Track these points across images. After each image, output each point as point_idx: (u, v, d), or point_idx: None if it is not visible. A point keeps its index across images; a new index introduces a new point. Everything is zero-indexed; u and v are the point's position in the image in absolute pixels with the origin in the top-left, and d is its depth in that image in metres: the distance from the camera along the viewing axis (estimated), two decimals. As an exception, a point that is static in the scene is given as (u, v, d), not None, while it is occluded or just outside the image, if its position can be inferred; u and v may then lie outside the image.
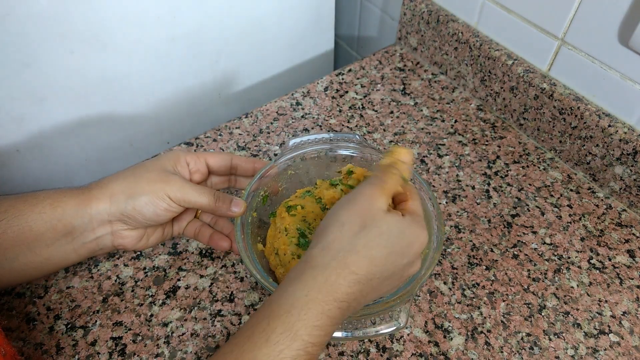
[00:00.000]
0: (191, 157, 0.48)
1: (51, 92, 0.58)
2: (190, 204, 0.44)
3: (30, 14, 0.51)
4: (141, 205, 0.43)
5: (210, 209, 0.45)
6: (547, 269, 0.52)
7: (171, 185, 0.43)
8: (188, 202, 0.44)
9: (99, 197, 0.43)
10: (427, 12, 0.70)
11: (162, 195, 0.43)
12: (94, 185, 0.44)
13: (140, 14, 0.58)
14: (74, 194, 0.43)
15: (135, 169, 0.45)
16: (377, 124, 0.66)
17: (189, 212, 0.50)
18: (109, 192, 0.43)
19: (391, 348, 0.46)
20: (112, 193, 0.43)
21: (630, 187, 0.55)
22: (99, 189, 0.43)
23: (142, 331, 0.46)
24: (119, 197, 0.43)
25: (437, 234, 0.44)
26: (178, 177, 0.44)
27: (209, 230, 0.49)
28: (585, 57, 0.55)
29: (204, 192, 0.44)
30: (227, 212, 0.45)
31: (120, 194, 0.43)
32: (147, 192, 0.43)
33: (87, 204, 0.42)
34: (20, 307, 0.48)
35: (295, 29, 0.77)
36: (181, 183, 0.44)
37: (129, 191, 0.43)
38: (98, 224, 0.43)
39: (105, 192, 0.43)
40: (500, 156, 0.62)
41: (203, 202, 0.44)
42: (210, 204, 0.44)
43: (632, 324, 0.48)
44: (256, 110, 0.68)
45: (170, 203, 0.43)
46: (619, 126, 0.54)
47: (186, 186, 0.44)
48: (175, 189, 0.43)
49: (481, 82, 0.67)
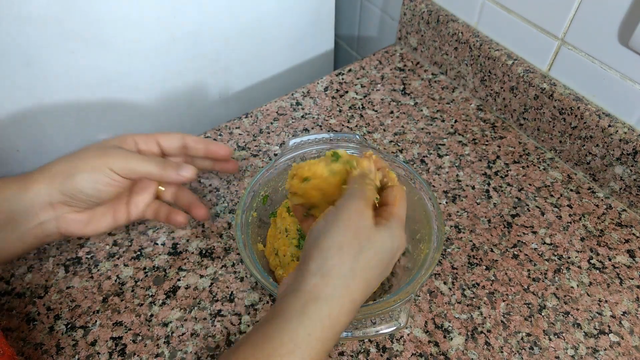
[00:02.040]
0: (141, 137, 0.46)
1: (51, 92, 0.58)
2: (135, 172, 0.43)
3: (30, 14, 0.51)
4: (81, 182, 0.41)
5: (159, 176, 0.44)
6: (547, 269, 0.52)
7: (113, 157, 0.42)
8: (132, 171, 0.43)
9: (38, 179, 0.42)
10: (427, 12, 0.70)
11: (103, 168, 0.42)
12: (35, 170, 0.43)
13: (140, 14, 0.58)
14: (15, 180, 0.42)
15: (78, 150, 0.44)
16: (377, 124, 0.66)
17: (145, 193, 0.48)
18: (49, 174, 0.42)
19: (391, 348, 0.46)
20: (51, 174, 0.42)
21: (630, 187, 0.55)
22: (39, 173, 0.42)
23: (142, 331, 0.46)
24: (58, 177, 0.42)
25: (437, 234, 0.44)
26: (121, 149, 0.43)
27: (168, 209, 0.48)
28: (586, 57, 0.55)
29: (149, 159, 0.43)
30: (177, 177, 0.44)
31: (59, 174, 0.42)
32: (87, 168, 0.42)
33: (26, 187, 0.41)
34: (20, 307, 0.48)
35: (295, 29, 0.77)
36: (124, 153, 0.43)
37: (68, 170, 0.42)
38: (40, 207, 0.42)
39: (45, 175, 0.42)
40: (500, 156, 0.62)
41: (149, 169, 0.43)
42: (158, 169, 0.43)
43: (632, 324, 0.48)
44: (256, 110, 0.68)
45: (111, 175, 0.42)
46: (619, 126, 0.54)
47: (129, 155, 0.43)
48: (117, 160, 0.42)
49: (481, 82, 0.67)
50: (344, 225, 0.33)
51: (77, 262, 0.51)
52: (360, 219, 0.33)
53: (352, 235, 0.33)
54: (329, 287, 0.31)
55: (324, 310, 0.31)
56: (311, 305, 0.31)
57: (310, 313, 0.31)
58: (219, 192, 0.58)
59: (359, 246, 0.33)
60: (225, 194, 0.58)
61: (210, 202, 0.57)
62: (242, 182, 0.59)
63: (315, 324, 0.31)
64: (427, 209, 0.46)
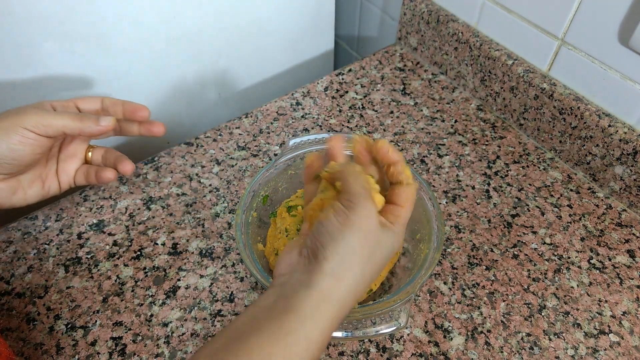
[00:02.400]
0: (58, 102, 0.46)
1: (51, 92, 0.58)
2: (51, 127, 0.43)
3: (30, 14, 0.51)
4: None
5: (78, 128, 0.43)
6: (547, 269, 0.52)
7: (25, 115, 0.42)
8: (48, 126, 0.42)
9: None
10: (427, 12, 0.70)
11: (15, 128, 0.41)
12: None
13: (140, 14, 0.58)
14: None
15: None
16: (377, 124, 0.66)
17: (74, 159, 0.49)
18: None
19: (391, 348, 0.46)
20: None
21: (630, 187, 0.55)
22: None
23: (142, 331, 0.46)
24: None
25: (437, 234, 0.44)
26: (35, 108, 0.43)
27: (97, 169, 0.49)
28: (586, 57, 0.55)
29: (65, 112, 0.43)
30: (97, 127, 0.44)
31: None
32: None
33: None
34: (20, 307, 0.48)
35: (295, 29, 0.77)
36: (38, 111, 0.42)
37: None
38: None
39: None
40: (500, 156, 0.62)
41: (65, 122, 0.43)
42: (75, 121, 0.43)
43: (632, 324, 0.48)
44: (256, 110, 0.68)
45: (24, 133, 0.42)
46: (619, 126, 0.54)
47: (43, 112, 0.42)
48: (30, 118, 0.42)
49: (481, 82, 0.67)
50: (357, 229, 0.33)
51: (77, 262, 0.51)
52: (370, 221, 0.34)
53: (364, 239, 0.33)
54: (341, 290, 0.32)
55: (334, 311, 0.32)
56: (323, 305, 0.32)
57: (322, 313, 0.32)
58: (219, 192, 0.58)
59: (370, 250, 0.33)
60: (225, 194, 0.58)
61: (210, 202, 0.57)
62: (242, 182, 0.59)
63: (325, 324, 0.32)
64: (427, 209, 0.46)
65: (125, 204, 0.57)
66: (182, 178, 0.59)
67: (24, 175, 0.46)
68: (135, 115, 0.49)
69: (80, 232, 0.54)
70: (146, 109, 0.49)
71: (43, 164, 0.48)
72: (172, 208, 0.56)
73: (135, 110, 0.49)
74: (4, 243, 0.53)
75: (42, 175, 0.47)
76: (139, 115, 0.49)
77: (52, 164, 0.48)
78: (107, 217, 0.55)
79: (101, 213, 0.56)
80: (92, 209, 0.56)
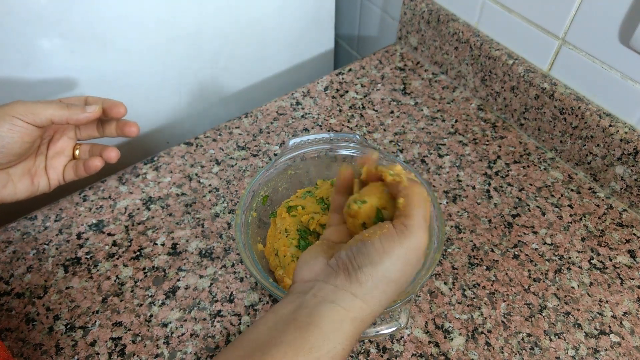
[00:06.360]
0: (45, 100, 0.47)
1: (51, 92, 0.58)
2: (39, 116, 0.44)
3: (30, 14, 0.51)
4: None
5: (65, 117, 0.45)
6: (547, 269, 0.51)
7: (15, 106, 0.43)
8: (36, 114, 0.44)
9: None
10: (427, 11, 0.70)
11: (3, 116, 0.43)
12: None
13: (140, 14, 0.58)
14: None
15: None
16: (377, 124, 0.66)
17: (62, 155, 0.50)
18: None
19: (391, 348, 0.46)
20: None
21: (631, 187, 0.55)
22: None
23: (141, 331, 0.46)
24: None
25: (437, 234, 0.44)
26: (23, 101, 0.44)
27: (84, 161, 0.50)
28: (586, 57, 0.55)
29: (53, 102, 0.44)
30: (85, 115, 0.45)
31: None
32: None
33: None
34: (19, 307, 0.48)
35: (295, 29, 0.76)
36: (26, 102, 0.44)
37: None
38: None
39: None
40: (501, 156, 0.62)
41: (53, 110, 0.44)
42: (63, 110, 0.44)
43: (632, 324, 0.48)
44: (256, 110, 0.68)
45: (13, 121, 0.43)
46: (619, 126, 0.54)
47: (32, 102, 0.44)
48: (19, 106, 0.43)
49: (482, 81, 0.67)
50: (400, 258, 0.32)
51: (77, 262, 0.51)
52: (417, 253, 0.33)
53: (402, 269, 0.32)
54: (366, 313, 0.32)
55: (357, 331, 0.32)
56: (347, 324, 0.32)
57: (346, 330, 0.32)
58: (219, 192, 0.58)
59: (405, 277, 0.33)
60: (225, 194, 0.58)
61: (210, 202, 0.57)
62: (242, 182, 0.59)
63: (347, 340, 0.32)
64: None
65: (125, 204, 0.56)
66: (181, 178, 0.59)
67: (13, 169, 0.47)
68: (112, 111, 0.49)
69: (79, 232, 0.54)
70: (122, 105, 0.50)
71: (32, 159, 0.49)
72: (172, 208, 0.56)
73: (112, 107, 0.49)
74: (4, 243, 0.53)
75: (31, 171, 0.48)
76: (115, 111, 0.49)
77: (40, 161, 0.49)
78: (106, 217, 0.55)
79: (100, 213, 0.56)
80: (91, 209, 0.56)
